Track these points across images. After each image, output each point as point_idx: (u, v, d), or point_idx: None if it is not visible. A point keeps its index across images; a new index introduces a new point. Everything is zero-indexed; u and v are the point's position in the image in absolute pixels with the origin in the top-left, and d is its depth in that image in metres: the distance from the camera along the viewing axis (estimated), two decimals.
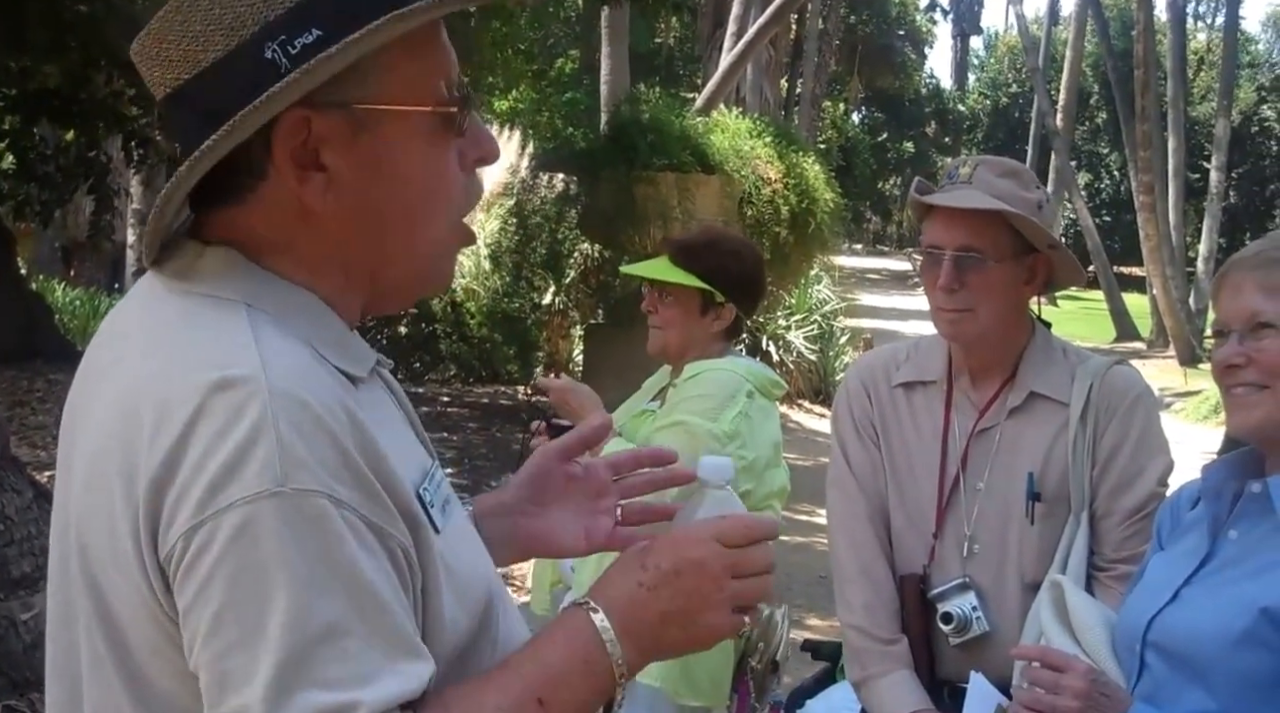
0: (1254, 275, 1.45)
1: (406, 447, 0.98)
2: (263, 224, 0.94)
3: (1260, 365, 1.43)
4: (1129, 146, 21.33)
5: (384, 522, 0.87)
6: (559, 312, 10.24)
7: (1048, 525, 1.84)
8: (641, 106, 9.34)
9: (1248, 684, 1.39)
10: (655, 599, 0.95)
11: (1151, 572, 1.58)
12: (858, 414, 1.99)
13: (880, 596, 1.92)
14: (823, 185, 10.60)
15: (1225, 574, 1.46)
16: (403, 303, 1.06)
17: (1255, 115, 33.48)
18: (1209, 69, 32.47)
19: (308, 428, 0.84)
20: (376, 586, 0.85)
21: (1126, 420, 1.85)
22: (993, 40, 43.87)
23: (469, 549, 1.00)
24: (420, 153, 0.95)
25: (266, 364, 0.86)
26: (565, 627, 0.95)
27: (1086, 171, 33.71)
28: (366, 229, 0.95)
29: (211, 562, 0.82)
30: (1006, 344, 1.90)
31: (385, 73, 0.92)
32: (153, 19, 0.92)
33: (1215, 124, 24.84)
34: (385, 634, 0.85)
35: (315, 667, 0.82)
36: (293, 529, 0.82)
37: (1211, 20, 39.45)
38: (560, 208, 9.35)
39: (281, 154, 0.91)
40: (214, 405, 0.84)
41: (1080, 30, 27.39)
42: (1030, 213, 1.81)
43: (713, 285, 2.45)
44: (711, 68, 13.25)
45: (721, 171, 9.23)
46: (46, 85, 7.64)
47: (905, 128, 36.42)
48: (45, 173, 7.77)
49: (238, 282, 0.93)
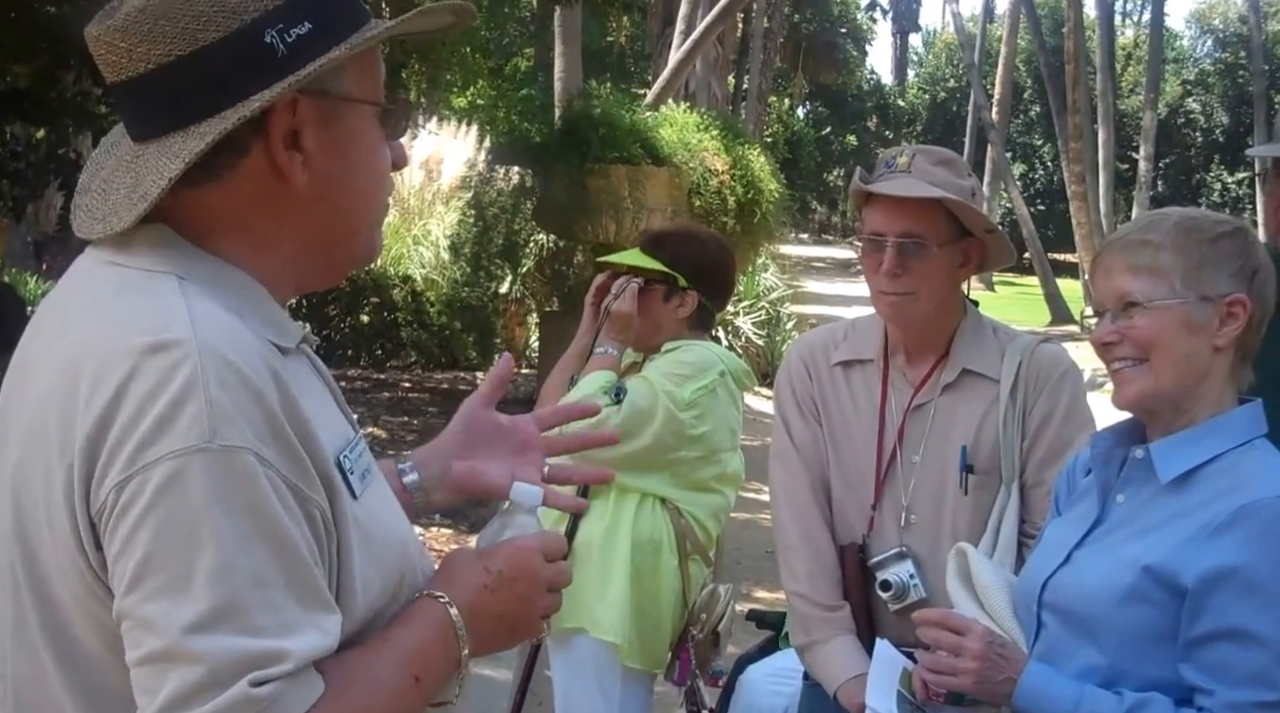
0: (1122, 257, 1.48)
1: (330, 416, 1.02)
2: (236, 201, 0.98)
3: (1132, 341, 1.46)
4: (1061, 138, 21.83)
5: (303, 484, 0.91)
6: (516, 300, 10.49)
7: (981, 496, 1.90)
8: (593, 102, 9.62)
9: (1134, 640, 1.42)
10: (494, 600, 1.02)
11: (1048, 536, 1.63)
12: (799, 391, 2.03)
13: (823, 563, 1.96)
14: (768, 176, 10.91)
15: (1113, 536, 1.50)
16: (342, 275, 1.12)
17: (1181, 108, 34.63)
18: (1136, 64, 33.49)
19: (235, 388, 0.88)
20: (295, 540, 0.89)
21: (1054, 395, 1.91)
22: (931, 38, 44.70)
23: (386, 517, 1.03)
24: (370, 143, 1.04)
25: (197, 328, 0.90)
26: (428, 615, 1.00)
27: (1021, 162, 34.54)
28: (328, 206, 1.02)
29: (139, 512, 0.85)
30: (941, 324, 1.96)
31: (352, 70, 1.01)
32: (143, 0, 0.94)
33: (1143, 116, 25.63)
34: (305, 588, 0.89)
35: (242, 614, 0.85)
36: (219, 483, 0.85)
37: (1138, 18, 40.60)
38: (516, 200, 9.58)
39: (276, 132, 0.97)
40: (147, 367, 0.87)
41: (1014, 27, 28.08)
42: (965, 199, 1.87)
43: (676, 271, 2.52)
44: (661, 65, 13.53)
45: (670, 164, 9.50)
46: (17, 85, 7.81)
47: (848, 122, 37.06)
48: (17, 169, 7.93)
49: (170, 256, 0.97)
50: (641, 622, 2.47)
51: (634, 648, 2.46)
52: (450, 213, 10.42)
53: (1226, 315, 1.46)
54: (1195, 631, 1.39)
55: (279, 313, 1.02)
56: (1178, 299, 1.45)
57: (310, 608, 0.89)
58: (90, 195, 1.02)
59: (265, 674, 0.85)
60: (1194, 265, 1.46)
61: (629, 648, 2.45)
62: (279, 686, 0.86)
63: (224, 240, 1.00)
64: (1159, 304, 1.46)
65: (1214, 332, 1.46)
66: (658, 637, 2.50)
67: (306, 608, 0.89)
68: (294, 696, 0.87)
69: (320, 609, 0.90)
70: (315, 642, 0.89)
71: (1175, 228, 1.48)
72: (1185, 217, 1.50)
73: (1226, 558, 1.37)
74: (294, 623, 0.88)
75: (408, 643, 0.97)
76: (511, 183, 9.78)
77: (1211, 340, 1.46)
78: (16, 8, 7.12)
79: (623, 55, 22.37)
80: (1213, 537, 1.39)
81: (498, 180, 9.90)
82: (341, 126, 1.02)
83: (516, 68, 14.83)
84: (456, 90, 9.51)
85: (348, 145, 1.02)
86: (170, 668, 0.85)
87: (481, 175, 10.05)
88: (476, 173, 10.15)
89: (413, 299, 10.23)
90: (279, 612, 0.87)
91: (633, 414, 2.39)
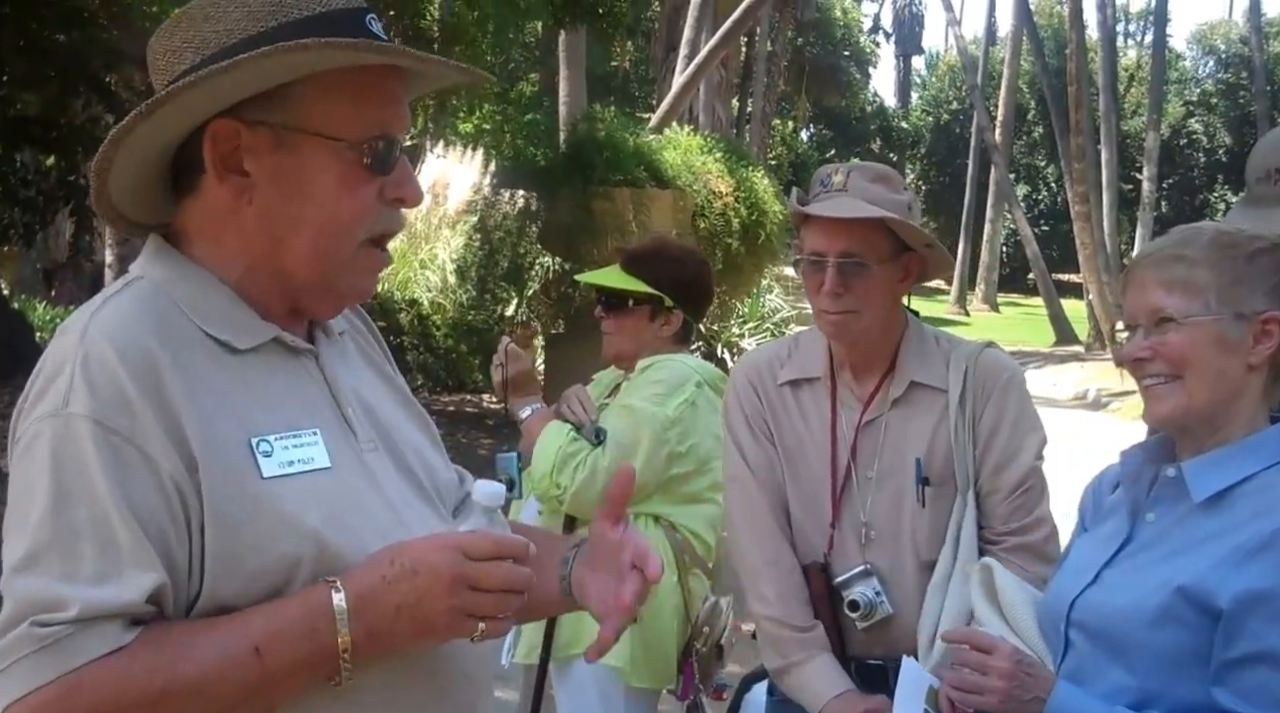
0: (1156, 271, 1.46)
1: (273, 406, 1.07)
2: (201, 213, 1.10)
3: (1165, 358, 1.44)
4: (1064, 159, 21.97)
5: (152, 450, 0.98)
6: (522, 322, 10.54)
7: (938, 507, 1.89)
8: (598, 125, 9.69)
9: (1165, 661, 1.40)
10: (391, 592, 1.02)
11: (1075, 553, 1.60)
12: (749, 411, 2.00)
13: (791, 585, 1.93)
14: (771, 198, 10.96)
15: (1143, 556, 1.48)
16: (326, 307, 1.15)
17: (1183, 129, 34.79)
18: (1139, 85, 33.63)
19: (96, 368, 1.00)
20: (125, 500, 0.96)
21: (1001, 401, 1.91)
22: (934, 60, 44.93)
23: (302, 508, 1.04)
24: (331, 178, 1.06)
25: (93, 320, 1.03)
26: (304, 596, 1.02)
27: (1025, 183, 34.69)
28: (272, 232, 1.08)
29: (9, 468, 1.01)
30: (885, 339, 1.95)
31: (312, 104, 1.05)
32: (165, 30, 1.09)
33: (1146, 137, 25.77)
34: (123, 545, 0.95)
35: (50, 562, 0.95)
36: (57, 445, 0.97)
37: (1141, 39, 40.83)
38: (522, 223, 9.63)
39: (210, 155, 1.06)
40: (51, 348, 1.04)
41: (1016, 50, 28.36)
42: (902, 215, 1.85)
43: (660, 291, 2.54)
44: (665, 89, 13.65)
45: (674, 186, 9.55)
46: (27, 113, 7.89)
47: (852, 144, 37.21)
48: (27, 197, 8.00)
49: (148, 258, 1.11)
50: (646, 641, 2.45)
51: (640, 668, 2.45)
52: (456, 237, 10.46)
53: (1261, 333, 1.44)
54: (1229, 654, 1.37)
55: (239, 314, 1.10)
56: (1212, 316, 1.43)
57: (125, 564, 0.96)
58: None
59: (48, 618, 0.94)
60: (1229, 282, 1.44)
61: (634, 669, 2.44)
62: (63, 628, 0.94)
63: (197, 246, 1.11)
64: (1193, 321, 1.43)
65: (1248, 350, 1.44)
66: (663, 655, 2.49)
67: (120, 563, 0.96)
68: (82, 641, 0.94)
69: (137, 567, 0.96)
70: (113, 594, 0.95)
71: (1211, 243, 1.46)
72: (1221, 232, 1.48)
73: (1262, 581, 1.35)
74: (102, 575, 0.95)
75: (260, 617, 1.01)
76: (517, 206, 9.84)
77: (1245, 358, 1.44)
78: (26, 36, 7.21)
79: (627, 80, 22.54)
80: (1248, 559, 1.37)
81: (503, 204, 9.96)
82: (293, 157, 1.06)
83: (522, 93, 14.95)
84: (463, 115, 9.57)
85: (297, 176, 1.06)
86: (3, 605, 0.97)
87: (487, 199, 10.11)
88: (482, 197, 10.21)
89: (419, 323, 10.26)
90: (86, 563, 0.95)
91: (619, 453, 2.40)
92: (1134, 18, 42.08)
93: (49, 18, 7.23)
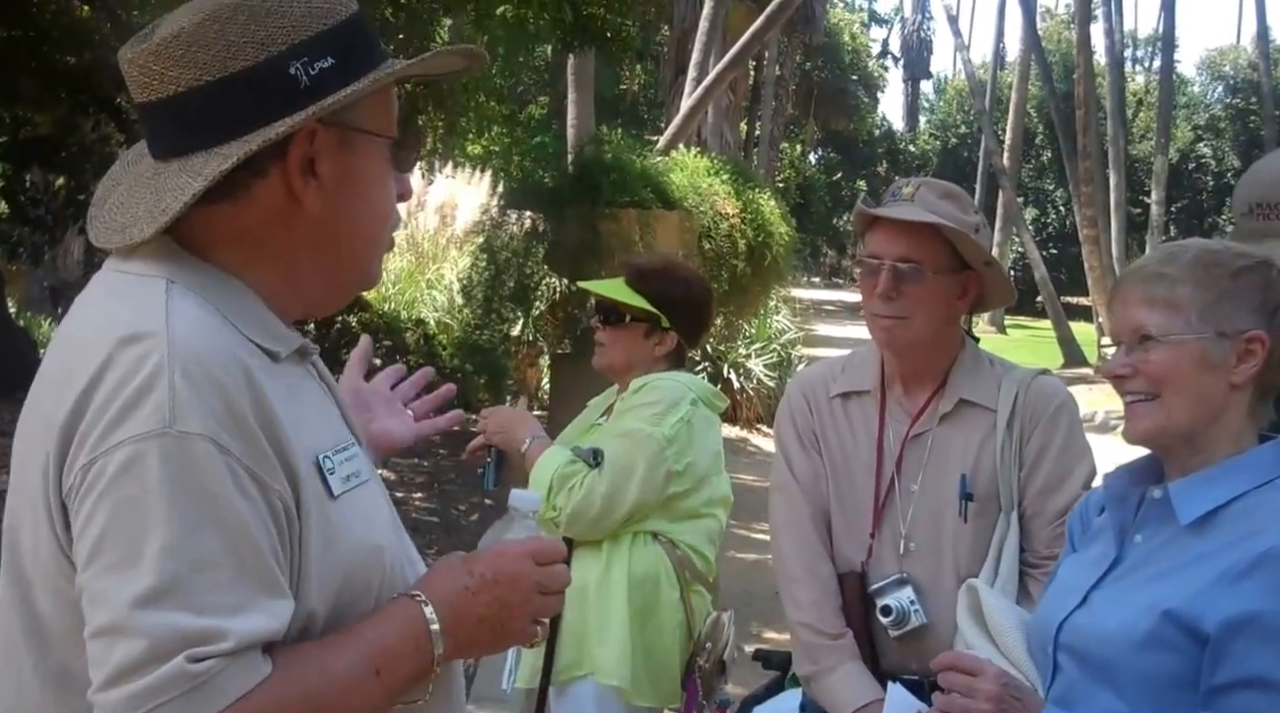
0: (1139, 288, 1.45)
1: (320, 420, 1.07)
2: (241, 219, 1.03)
3: (1145, 376, 1.43)
4: (1072, 183, 21.93)
5: (265, 473, 0.94)
6: (527, 342, 10.53)
7: (980, 524, 1.90)
8: (605, 147, 9.74)
9: (1153, 686, 1.38)
10: (475, 603, 1.03)
11: (1063, 575, 1.59)
12: (800, 424, 2.04)
13: (826, 592, 1.96)
14: (778, 220, 11.00)
15: (1132, 578, 1.46)
16: (344, 299, 1.16)
17: (1192, 153, 34.82)
18: (1147, 109, 33.69)
19: (199, 379, 0.92)
20: (250, 526, 0.92)
21: (1051, 427, 1.92)
22: (942, 84, 45.17)
23: (366, 522, 1.05)
24: (380, 173, 1.09)
25: (170, 323, 0.95)
26: (400, 613, 1.02)
27: (1033, 207, 34.71)
28: (335, 230, 1.06)
29: (99, 493, 0.89)
30: (937, 354, 1.96)
31: (367, 104, 1.07)
32: (176, 26, 1.01)
33: (1154, 161, 25.76)
34: (255, 571, 0.91)
35: (186, 593, 0.88)
36: (173, 467, 0.89)
37: (1149, 64, 41.00)
38: (528, 244, 9.67)
39: (295, 158, 1.02)
40: (120, 357, 0.93)
41: (1024, 74, 28.37)
42: (967, 232, 1.87)
43: (659, 310, 2.53)
44: (674, 112, 13.70)
45: (681, 207, 9.59)
46: (37, 133, 7.96)
47: (859, 167, 37.38)
48: (37, 216, 8.07)
49: (166, 263, 1.02)
50: (649, 659, 2.44)
51: (642, 687, 2.43)
52: (463, 257, 10.50)
53: (1245, 352, 1.42)
54: (1217, 678, 1.35)
55: (272, 321, 1.06)
56: (1194, 334, 1.41)
57: (259, 591, 0.91)
58: (108, 208, 1.07)
59: (203, 652, 0.88)
60: (1213, 300, 1.42)
61: (636, 688, 2.42)
62: (217, 663, 0.88)
63: (225, 253, 1.05)
64: (1174, 339, 1.42)
65: (1231, 369, 1.42)
66: (667, 672, 2.47)
67: (254, 591, 0.91)
68: (234, 675, 0.89)
69: (270, 594, 0.92)
70: (259, 624, 0.91)
71: (1194, 261, 1.44)
72: (1206, 249, 1.46)
73: (1249, 604, 1.33)
74: (239, 605, 0.90)
75: (371, 637, 0.99)
76: (524, 227, 9.88)
77: (1228, 378, 1.42)
78: (37, 57, 7.27)
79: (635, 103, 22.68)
80: (1235, 582, 1.35)
81: (510, 225, 10.00)
82: (354, 156, 1.07)
83: (531, 115, 15.05)
84: (472, 137, 9.63)
85: (358, 174, 1.07)
86: (117, 642, 0.88)
87: (494, 220, 10.16)
88: (489, 217, 10.25)
89: (425, 342, 10.27)
90: (224, 593, 0.90)
91: (615, 474, 2.39)
92: (1142, 44, 42.25)
93: (61, 41, 7.30)
